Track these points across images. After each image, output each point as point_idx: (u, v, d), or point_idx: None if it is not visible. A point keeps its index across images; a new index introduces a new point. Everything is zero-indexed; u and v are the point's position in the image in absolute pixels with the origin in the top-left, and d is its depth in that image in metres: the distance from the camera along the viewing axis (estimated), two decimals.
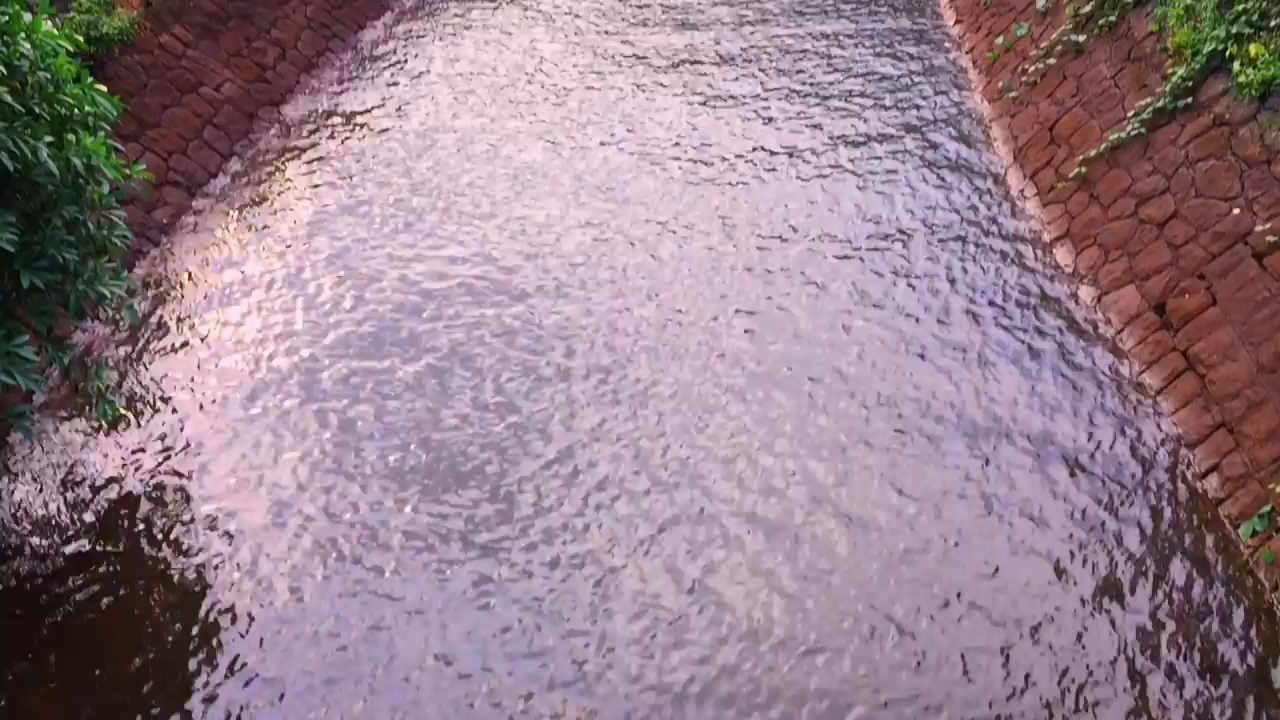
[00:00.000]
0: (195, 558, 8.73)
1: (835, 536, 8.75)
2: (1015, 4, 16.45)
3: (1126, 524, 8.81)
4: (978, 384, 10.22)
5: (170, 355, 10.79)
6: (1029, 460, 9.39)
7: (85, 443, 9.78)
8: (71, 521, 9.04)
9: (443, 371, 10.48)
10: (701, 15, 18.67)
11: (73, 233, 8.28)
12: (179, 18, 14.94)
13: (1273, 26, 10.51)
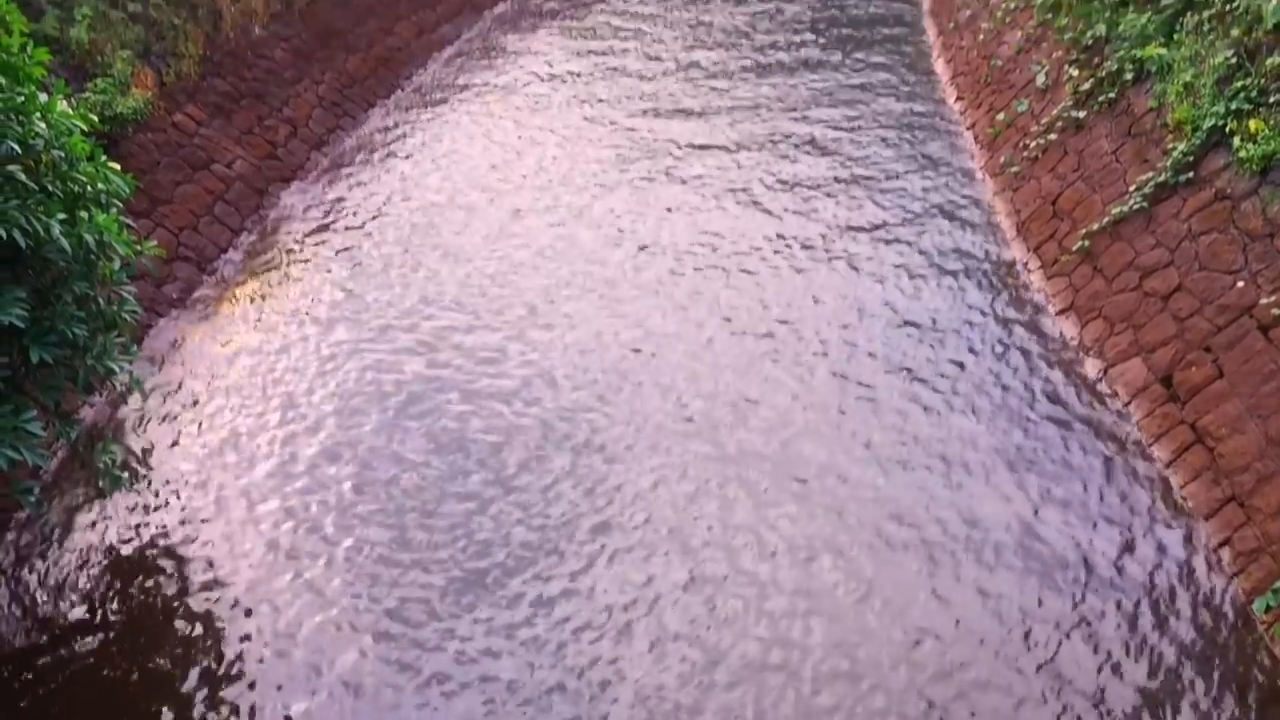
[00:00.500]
0: (194, 628, 8.66)
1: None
2: (1015, 81, 16.68)
3: (1138, 600, 8.71)
4: (977, 476, 10.18)
5: (176, 430, 10.80)
6: (1034, 534, 9.31)
7: (89, 514, 9.75)
8: (74, 591, 8.99)
9: (441, 449, 10.47)
10: (697, 102, 18.95)
11: (83, 308, 8.34)
12: (193, 97, 15.19)
13: (1272, 103, 10.63)
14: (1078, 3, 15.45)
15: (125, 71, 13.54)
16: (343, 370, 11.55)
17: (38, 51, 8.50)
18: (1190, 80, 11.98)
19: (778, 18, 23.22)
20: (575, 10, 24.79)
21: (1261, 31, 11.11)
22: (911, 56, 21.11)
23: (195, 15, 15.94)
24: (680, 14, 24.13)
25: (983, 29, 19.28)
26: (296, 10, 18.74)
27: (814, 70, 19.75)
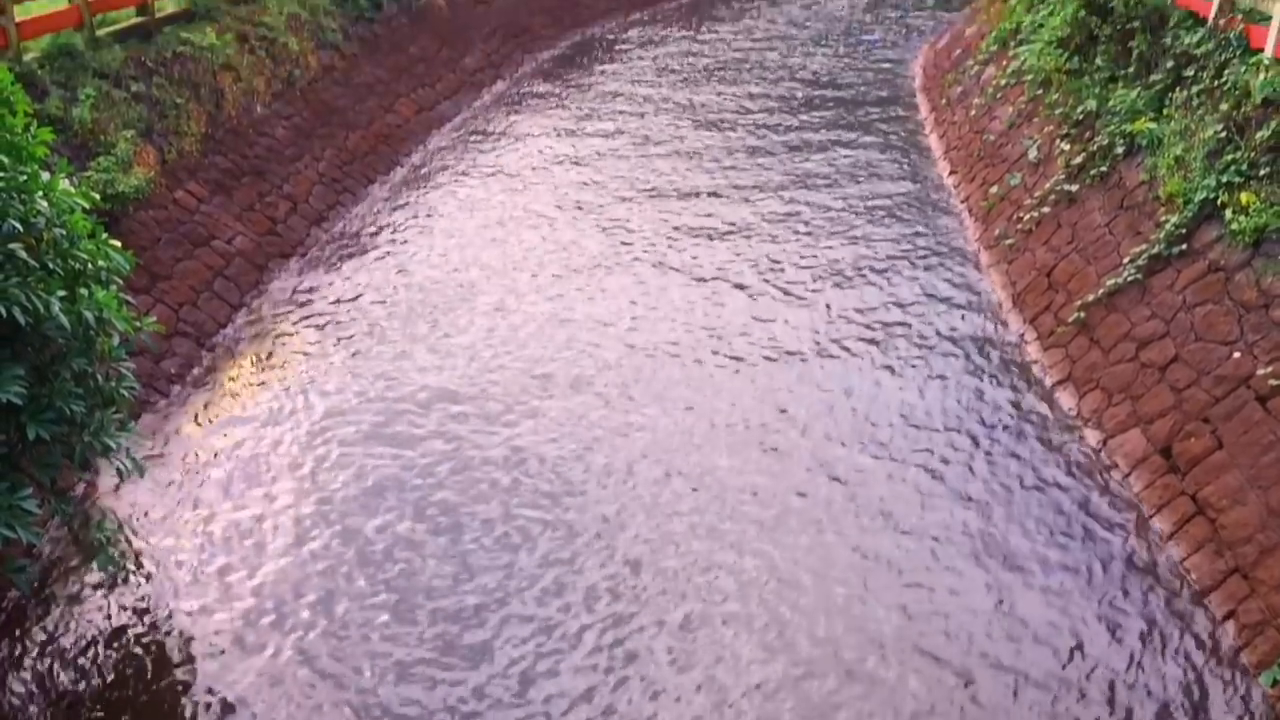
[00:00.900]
0: (192, 713, 8.53)
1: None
2: (1007, 155, 16.89)
3: (1144, 673, 8.61)
4: (983, 535, 10.13)
5: (173, 507, 10.74)
6: (1038, 607, 9.23)
7: (83, 596, 9.65)
8: (66, 677, 8.86)
9: (436, 533, 10.42)
10: (691, 183, 19.15)
11: (81, 385, 8.34)
12: (194, 174, 15.34)
13: (1262, 176, 10.75)
14: (1067, 79, 15.70)
15: (127, 150, 13.69)
16: (341, 450, 11.51)
17: (41, 131, 8.59)
18: (1181, 154, 12.13)
19: (770, 97, 23.58)
20: (572, 91, 25.18)
21: (1250, 106, 11.27)
22: (905, 132, 21.40)
23: (198, 95, 16.16)
24: (674, 95, 24.51)
25: (974, 105, 19.58)
26: (298, 89, 19.01)
27: (808, 150, 19.99)
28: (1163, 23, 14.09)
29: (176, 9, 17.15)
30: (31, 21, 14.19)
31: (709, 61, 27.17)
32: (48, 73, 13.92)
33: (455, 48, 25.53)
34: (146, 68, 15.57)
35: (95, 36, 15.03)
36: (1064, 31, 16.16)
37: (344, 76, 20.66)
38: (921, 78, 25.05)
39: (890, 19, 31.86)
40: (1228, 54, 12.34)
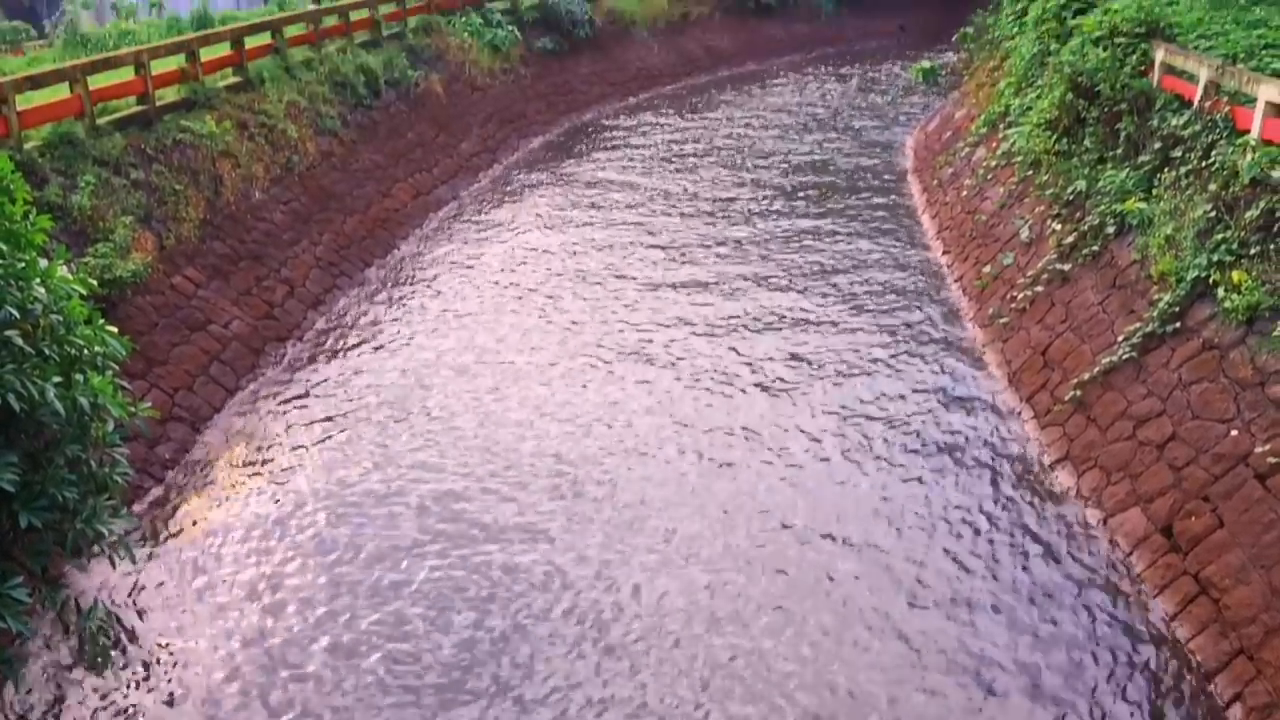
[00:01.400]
0: None
1: None
2: (1000, 235, 17.03)
3: None
4: (978, 621, 10.02)
5: (166, 596, 10.60)
6: (1040, 694, 9.10)
7: (73, 685, 9.48)
8: None
9: (433, 608, 10.30)
10: (684, 275, 19.26)
11: (74, 471, 8.29)
12: (192, 260, 15.42)
13: (1253, 254, 10.83)
14: (1057, 160, 15.89)
15: (126, 236, 13.78)
16: (336, 540, 11.41)
17: (40, 219, 8.66)
18: (1171, 233, 12.23)
19: (763, 183, 23.78)
20: (565, 176, 25.44)
21: (1238, 186, 11.39)
22: (898, 214, 21.60)
23: (196, 181, 16.32)
24: (665, 180, 24.77)
25: (965, 186, 19.80)
26: (296, 174, 19.21)
27: (802, 235, 20.07)
28: (1149, 105, 14.30)
29: (177, 98, 17.38)
30: (33, 110, 14.39)
31: (700, 147, 27.49)
32: (48, 160, 14.07)
33: (452, 133, 25.87)
34: (146, 155, 15.74)
35: (96, 125, 15.22)
36: (1052, 114, 16.38)
37: (342, 162, 20.90)
38: (913, 160, 25.36)
39: (881, 103, 32.33)
40: (1214, 135, 12.50)
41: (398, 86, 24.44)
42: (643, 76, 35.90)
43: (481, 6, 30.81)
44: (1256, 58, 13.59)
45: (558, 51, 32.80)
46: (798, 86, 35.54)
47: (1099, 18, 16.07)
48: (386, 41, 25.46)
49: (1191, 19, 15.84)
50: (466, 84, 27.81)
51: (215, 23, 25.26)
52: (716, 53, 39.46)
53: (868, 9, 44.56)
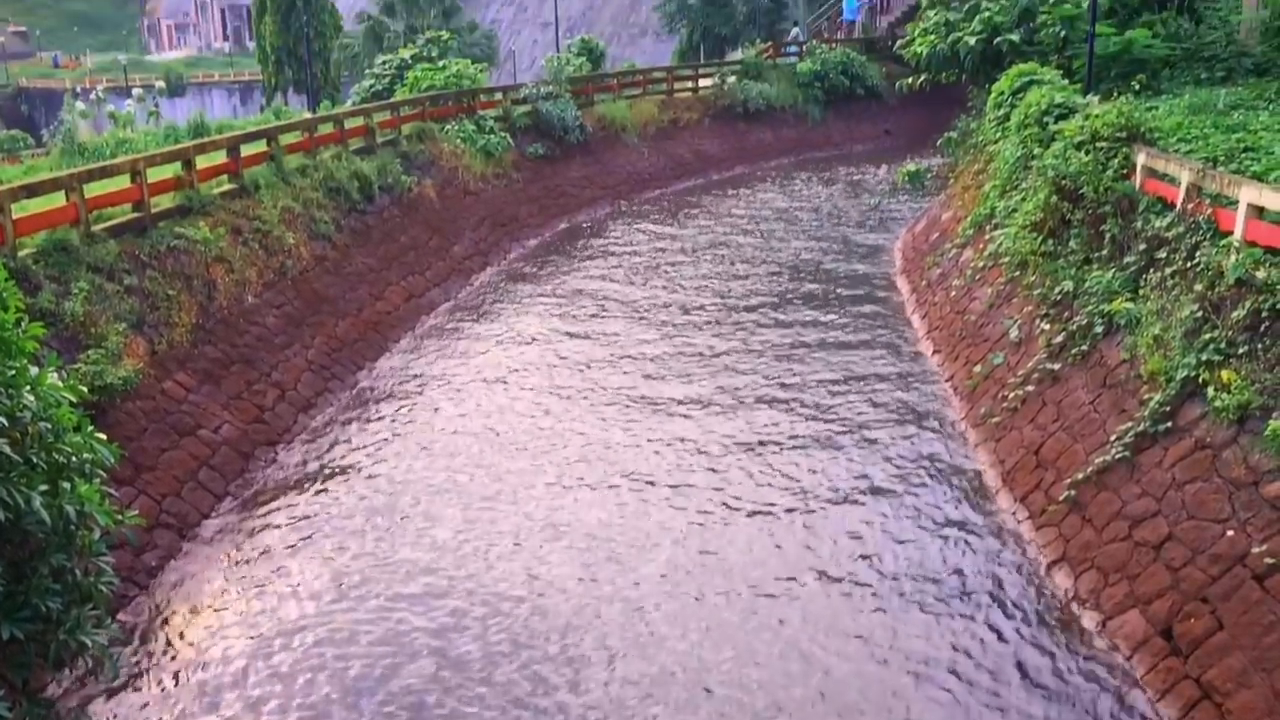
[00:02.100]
0: None
1: None
2: (989, 335, 17.13)
3: None
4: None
5: (150, 706, 10.37)
6: None
7: None
8: None
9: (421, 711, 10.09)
10: (674, 385, 19.31)
11: (58, 581, 8.15)
12: (183, 364, 15.43)
13: (1241, 354, 10.88)
14: (1044, 261, 16.06)
15: (118, 342, 13.80)
16: (328, 654, 11.20)
17: (32, 327, 8.67)
18: (1159, 333, 12.31)
19: (753, 289, 23.89)
20: (557, 280, 25.63)
21: (1224, 286, 11.50)
22: (888, 314, 21.76)
23: (190, 286, 16.41)
24: (654, 283, 24.95)
25: (954, 286, 19.97)
26: (289, 278, 19.34)
27: (794, 341, 20.04)
28: (1132, 208, 14.51)
29: (172, 204, 17.57)
30: (29, 218, 14.53)
31: (690, 250, 27.74)
32: (42, 267, 14.15)
33: (445, 236, 26.15)
34: (140, 261, 15.84)
35: (91, 231, 15.34)
36: (1037, 216, 16.60)
37: (335, 265, 21.06)
38: (901, 261, 25.63)
39: (868, 206, 32.79)
40: (1198, 237, 12.65)
41: (391, 191, 24.77)
42: (633, 180, 36.44)
43: (474, 114, 31.39)
44: (1236, 161, 13.84)
45: (549, 156, 33.35)
46: (787, 189, 36.07)
47: (1080, 123, 16.38)
48: (381, 148, 25.87)
49: (1171, 123, 16.17)
50: (459, 189, 28.21)
51: (212, 131, 25.70)
52: (706, 157, 40.12)
53: (854, 114, 45.43)
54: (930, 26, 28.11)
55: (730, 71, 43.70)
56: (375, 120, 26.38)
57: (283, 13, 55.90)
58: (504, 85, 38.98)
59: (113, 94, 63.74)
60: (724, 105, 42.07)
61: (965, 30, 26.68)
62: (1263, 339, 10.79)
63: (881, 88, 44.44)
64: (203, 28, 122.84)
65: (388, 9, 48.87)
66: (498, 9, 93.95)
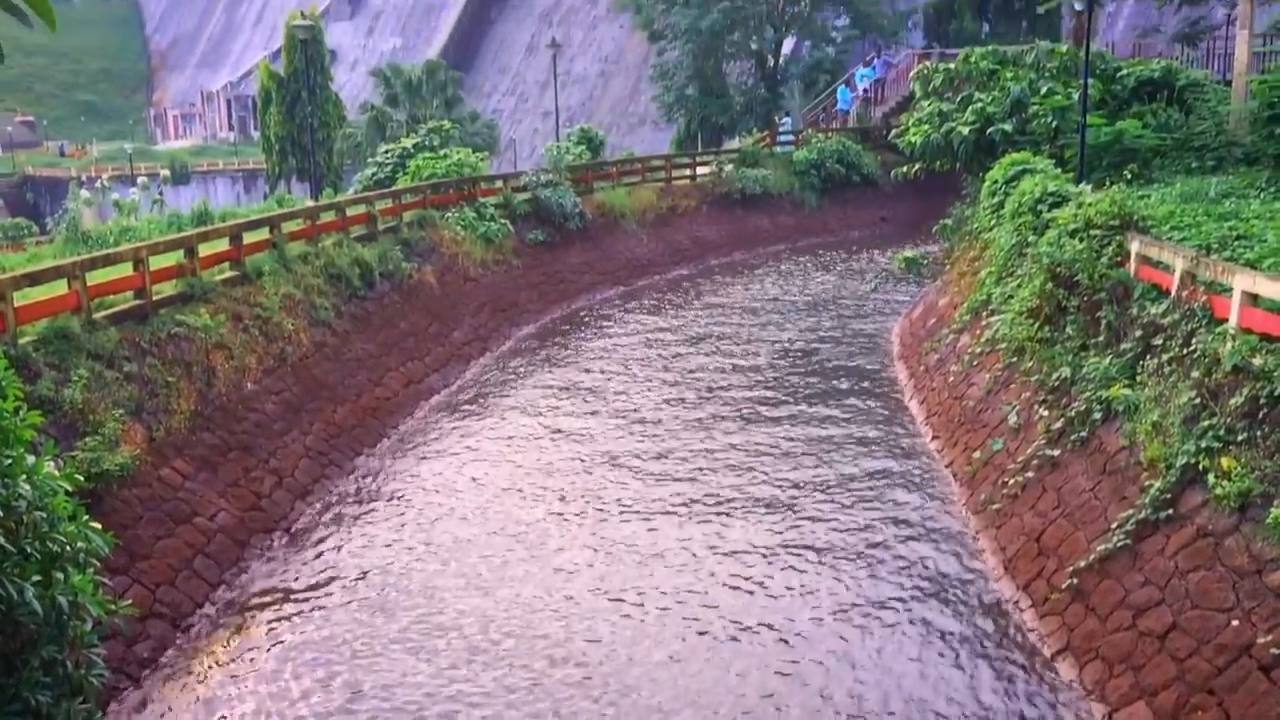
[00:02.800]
0: None
1: None
2: (988, 421, 17.13)
3: None
4: None
5: None
6: None
7: None
8: None
9: None
10: (668, 485, 19.26)
11: (49, 674, 8.06)
12: (181, 451, 15.38)
13: (1240, 440, 10.88)
14: (1040, 347, 16.12)
15: (115, 429, 13.78)
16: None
17: (30, 415, 8.68)
18: (1158, 419, 12.31)
19: (751, 379, 23.83)
20: (554, 365, 25.67)
21: (1221, 373, 11.53)
22: (887, 400, 21.77)
23: (189, 373, 16.43)
24: (651, 369, 24.95)
25: (952, 372, 20.02)
26: (289, 364, 19.37)
27: (793, 433, 19.96)
28: (1128, 294, 14.60)
29: (174, 291, 17.66)
30: (30, 306, 14.59)
31: (685, 338, 27.79)
32: (42, 355, 14.18)
33: (445, 322, 26.26)
34: (140, 348, 15.89)
35: (92, 319, 15.40)
36: (1033, 302, 16.71)
37: (335, 351, 21.11)
38: (899, 346, 25.72)
39: (866, 291, 33.00)
40: (1193, 324, 12.73)
41: (392, 278, 24.93)
42: (632, 266, 36.70)
43: (475, 201, 31.72)
44: (1230, 248, 13.99)
45: (549, 243, 33.63)
46: (784, 275, 36.33)
47: (1074, 211, 16.57)
48: (382, 235, 26.10)
49: (1164, 211, 16.37)
50: (459, 275, 28.40)
51: (215, 218, 25.99)
52: (704, 243, 40.47)
53: (851, 201, 45.93)
54: (924, 117, 28.55)
55: (728, 159, 44.29)
56: (377, 208, 26.65)
57: (287, 103, 56.75)
58: (505, 173, 39.45)
59: (118, 182, 64.58)
60: (722, 192, 42.56)
61: (959, 120, 27.11)
62: (1261, 426, 10.79)
63: (877, 175, 44.97)
64: (208, 117, 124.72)
65: (391, 100, 49.58)
66: (499, 99, 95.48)
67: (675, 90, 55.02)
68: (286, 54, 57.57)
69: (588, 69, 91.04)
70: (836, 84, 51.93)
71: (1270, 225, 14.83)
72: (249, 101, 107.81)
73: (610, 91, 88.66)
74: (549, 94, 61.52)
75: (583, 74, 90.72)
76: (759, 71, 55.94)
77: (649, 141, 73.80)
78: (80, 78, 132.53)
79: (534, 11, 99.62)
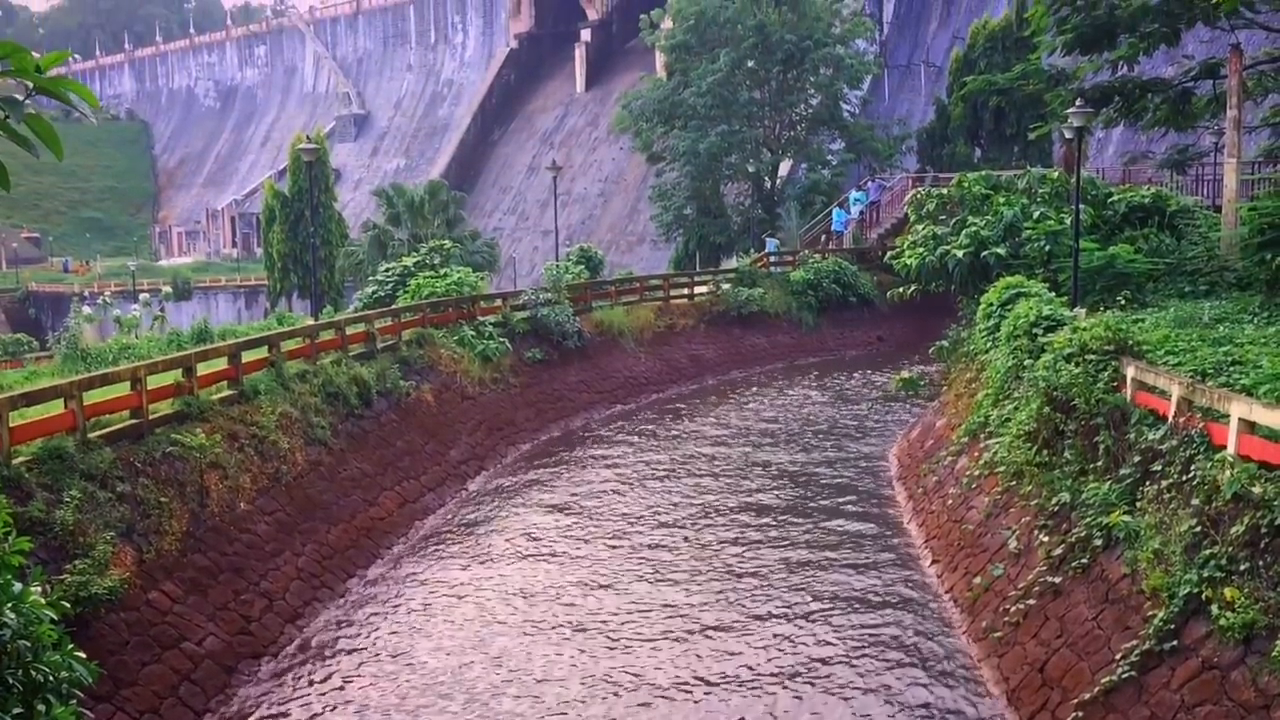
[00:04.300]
0: None
1: None
2: (988, 545, 16.95)
3: None
4: None
5: None
6: None
7: None
8: None
9: None
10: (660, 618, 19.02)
11: None
12: (170, 574, 15.19)
13: (1243, 570, 10.75)
14: (1039, 471, 16.05)
15: (105, 552, 13.63)
16: None
17: (19, 541, 8.58)
18: (1159, 547, 12.19)
19: (745, 496, 23.67)
20: (549, 486, 25.49)
21: (1221, 501, 11.46)
22: (885, 522, 21.57)
23: (182, 493, 16.33)
24: (647, 491, 24.74)
25: (951, 494, 19.90)
26: (283, 484, 19.26)
27: (788, 546, 19.78)
28: (1125, 420, 14.60)
29: (170, 410, 17.65)
30: (26, 426, 14.58)
31: (681, 459, 27.62)
32: (35, 475, 14.11)
33: (441, 440, 26.19)
34: (134, 468, 15.81)
35: (87, 439, 15.36)
36: (1030, 426, 16.70)
37: (330, 471, 21.01)
38: (897, 467, 25.61)
39: (863, 411, 32.97)
40: (1192, 450, 12.69)
41: (389, 396, 24.96)
42: (630, 385, 36.77)
43: (474, 320, 31.94)
44: (1225, 374, 14.04)
45: (547, 361, 33.76)
46: (782, 394, 36.35)
47: (1069, 336, 16.67)
48: (381, 353, 26.21)
49: (1158, 336, 16.48)
50: (457, 393, 28.43)
51: (215, 336, 26.14)
52: (702, 362, 40.61)
53: (847, 321, 46.25)
54: (919, 240, 28.98)
55: (725, 279, 44.73)
56: (376, 326, 26.82)
57: (291, 221, 57.68)
58: (504, 291, 39.83)
59: (120, 298, 65.16)
60: (719, 311, 42.87)
61: (953, 244, 27.50)
62: (1264, 556, 10.68)
63: (874, 295, 45.39)
64: (212, 234, 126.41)
65: (393, 218, 50.36)
66: (500, 216, 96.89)
67: (674, 210, 55.92)
68: (292, 174, 58.74)
69: (588, 189, 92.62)
70: (832, 206, 52.78)
71: (1265, 351, 14.92)
72: (253, 219, 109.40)
73: (610, 210, 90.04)
74: (549, 213, 62.53)
75: (583, 193, 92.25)
76: (756, 192, 56.97)
77: (648, 259, 74.69)
78: (87, 195, 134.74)
79: (536, 133, 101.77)
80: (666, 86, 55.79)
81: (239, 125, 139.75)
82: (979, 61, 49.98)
